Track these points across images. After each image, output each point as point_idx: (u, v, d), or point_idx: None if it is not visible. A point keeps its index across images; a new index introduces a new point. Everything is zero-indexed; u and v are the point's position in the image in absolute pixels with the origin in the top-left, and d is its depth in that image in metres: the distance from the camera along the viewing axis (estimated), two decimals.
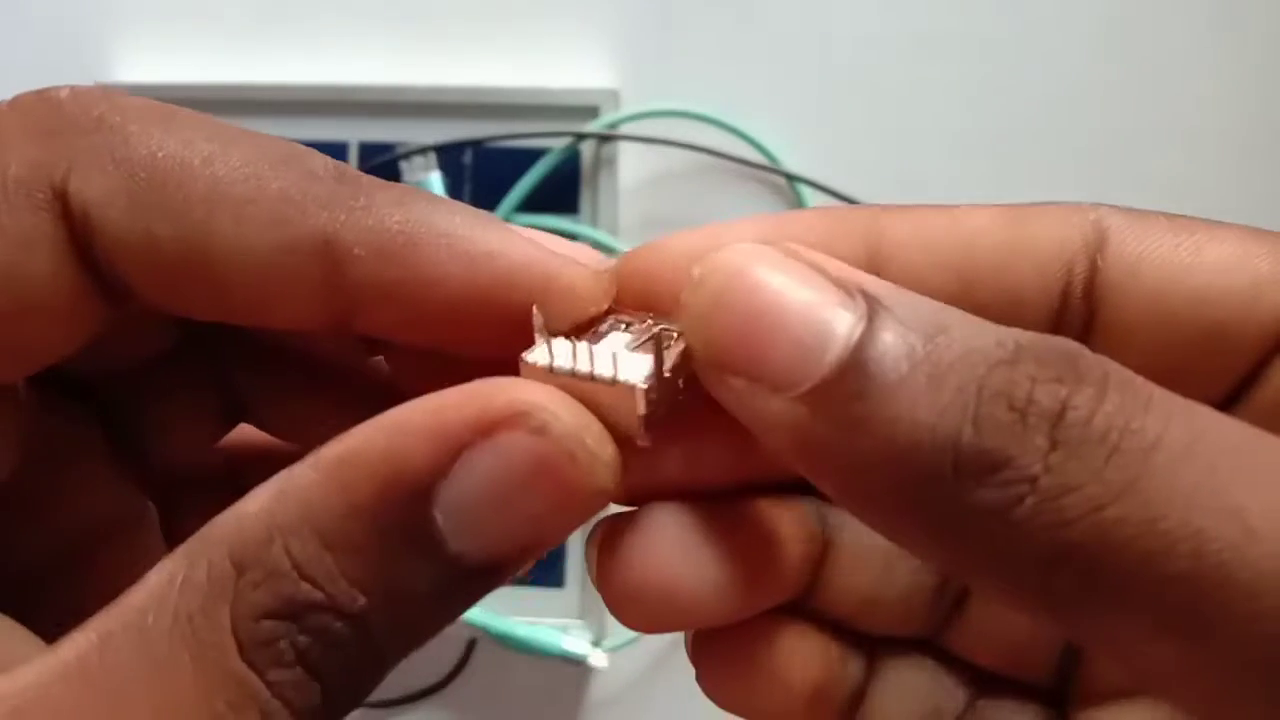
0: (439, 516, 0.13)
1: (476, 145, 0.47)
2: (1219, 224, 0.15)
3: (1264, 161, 0.45)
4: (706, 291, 0.13)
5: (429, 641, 0.14)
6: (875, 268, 0.15)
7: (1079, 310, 0.15)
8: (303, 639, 0.12)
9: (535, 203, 0.47)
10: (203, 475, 0.19)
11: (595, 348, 0.14)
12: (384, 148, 0.47)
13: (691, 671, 0.18)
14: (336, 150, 0.48)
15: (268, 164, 0.14)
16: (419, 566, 0.13)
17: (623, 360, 0.14)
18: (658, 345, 0.14)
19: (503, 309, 0.14)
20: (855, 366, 0.12)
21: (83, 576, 0.17)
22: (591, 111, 0.46)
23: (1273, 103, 0.45)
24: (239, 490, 0.14)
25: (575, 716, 0.46)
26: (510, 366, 0.14)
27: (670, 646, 0.46)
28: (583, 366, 0.14)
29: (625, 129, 0.46)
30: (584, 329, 0.15)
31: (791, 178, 0.46)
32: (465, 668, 0.46)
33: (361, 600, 0.13)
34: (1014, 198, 0.16)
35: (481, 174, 0.47)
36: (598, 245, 0.46)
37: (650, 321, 0.15)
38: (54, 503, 0.17)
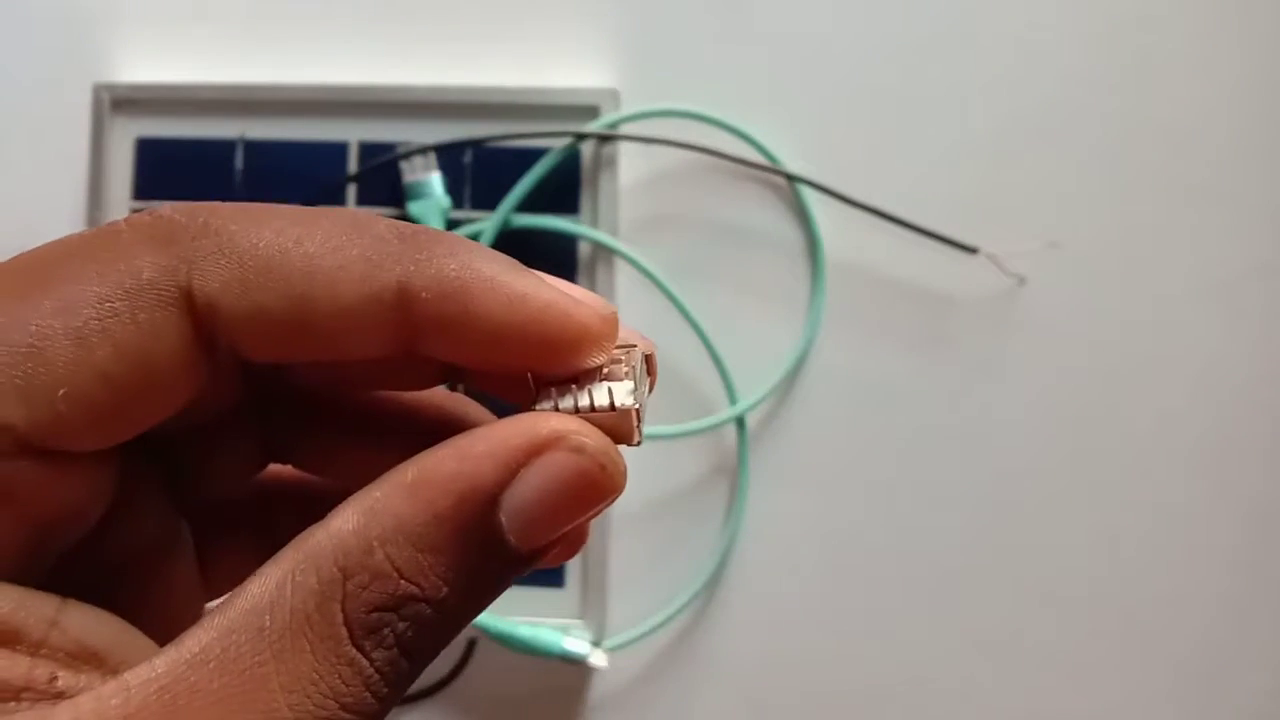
0: (503, 518, 0.17)
1: (476, 145, 0.47)
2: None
3: (1264, 162, 0.45)
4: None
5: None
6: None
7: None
8: (401, 625, 0.16)
9: (535, 202, 0.46)
10: (232, 501, 0.23)
11: (589, 386, 0.18)
12: (384, 148, 0.47)
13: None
14: (337, 150, 0.48)
15: (344, 235, 0.18)
16: (486, 558, 0.17)
17: (614, 390, 0.18)
18: (635, 374, 0.18)
19: (533, 337, 0.18)
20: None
21: (131, 589, 0.20)
22: (591, 111, 0.46)
23: (1273, 103, 0.45)
24: (263, 514, 0.22)
25: (575, 716, 0.46)
26: (536, 377, 0.19)
27: (671, 646, 0.46)
28: (584, 403, 0.18)
29: (625, 129, 0.46)
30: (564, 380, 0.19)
31: (791, 178, 0.46)
32: (465, 668, 0.46)
33: (445, 589, 0.16)
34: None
35: (481, 174, 0.47)
36: (598, 245, 0.46)
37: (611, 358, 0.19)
38: (119, 528, 0.19)
